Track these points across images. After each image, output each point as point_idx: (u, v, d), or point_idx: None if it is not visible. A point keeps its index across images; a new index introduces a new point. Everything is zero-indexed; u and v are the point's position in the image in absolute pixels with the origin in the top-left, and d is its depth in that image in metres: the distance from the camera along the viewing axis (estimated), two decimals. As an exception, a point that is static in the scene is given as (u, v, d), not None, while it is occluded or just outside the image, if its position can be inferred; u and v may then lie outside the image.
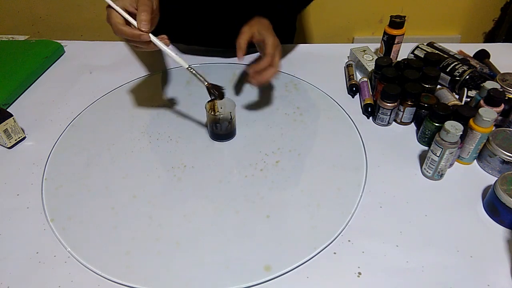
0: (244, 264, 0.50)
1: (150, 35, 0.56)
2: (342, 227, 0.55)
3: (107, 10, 0.57)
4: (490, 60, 0.84)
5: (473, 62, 0.80)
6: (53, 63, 0.89)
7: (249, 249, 0.52)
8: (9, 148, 0.67)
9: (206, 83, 0.60)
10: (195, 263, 0.51)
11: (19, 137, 0.68)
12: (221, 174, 0.62)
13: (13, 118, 0.66)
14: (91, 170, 0.63)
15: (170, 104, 0.77)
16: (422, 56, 0.80)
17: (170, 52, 0.57)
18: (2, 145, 0.68)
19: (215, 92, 0.61)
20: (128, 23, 0.56)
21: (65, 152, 0.67)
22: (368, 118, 0.73)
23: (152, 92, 0.80)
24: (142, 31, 0.55)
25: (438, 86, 0.74)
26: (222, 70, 0.86)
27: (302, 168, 0.63)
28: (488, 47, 0.86)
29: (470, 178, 0.62)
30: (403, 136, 0.69)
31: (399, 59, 0.85)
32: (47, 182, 0.62)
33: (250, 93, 0.79)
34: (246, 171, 0.63)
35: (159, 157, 0.66)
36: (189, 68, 0.59)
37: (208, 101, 0.65)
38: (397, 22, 0.79)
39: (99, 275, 0.50)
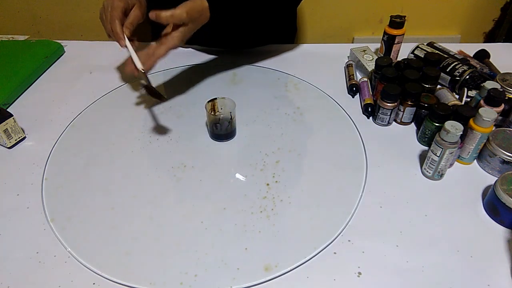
0: (244, 264, 0.50)
1: (127, 41, 0.64)
2: (342, 227, 0.55)
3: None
4: (490, 60, 0.83)
5: (473, 62, 0.80)
6: (53, 63, 0.89)
7: (249, 249, 0.52)
8: (9, 148, 0.67)
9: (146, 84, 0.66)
10: (195, 263, 0.51)
11: (19, 137, 0.68)
12: (221, 174, 0.62)
13: (13, 118, 0.66)
14: (91, 170, 0.63)
15: (170, 104, 0.77)
16: (422, 56, 0.80)
17: (133, 52, 0.62)
18: (2, 145, 0.68)
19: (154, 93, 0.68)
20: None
21: (65, 152, 0.67)
22: (368, 118, 0.73)
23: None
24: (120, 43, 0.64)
25: (438, 86, 0.74)
26: (222, 70, 0.86)
27: (302, 168, 0.63)
28: (488, 47, 0.86)
29: (470, 178, 0.62)
30: (403, 136, 0.69)
31: (399, 59, 0.85)
32: (47, 182, 0.62)
33: (250, 93, 0.79)
34: (246, 171, 0.63)
35: (159, 157, 0.66)
36: (142, 70, 0.61)
37: (208, 101, 0.65)
38: (397, 22, 0.79)
39: (99, 275, 0.50)
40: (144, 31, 0.62)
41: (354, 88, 0.78)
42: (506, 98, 0.66)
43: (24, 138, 0.70)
